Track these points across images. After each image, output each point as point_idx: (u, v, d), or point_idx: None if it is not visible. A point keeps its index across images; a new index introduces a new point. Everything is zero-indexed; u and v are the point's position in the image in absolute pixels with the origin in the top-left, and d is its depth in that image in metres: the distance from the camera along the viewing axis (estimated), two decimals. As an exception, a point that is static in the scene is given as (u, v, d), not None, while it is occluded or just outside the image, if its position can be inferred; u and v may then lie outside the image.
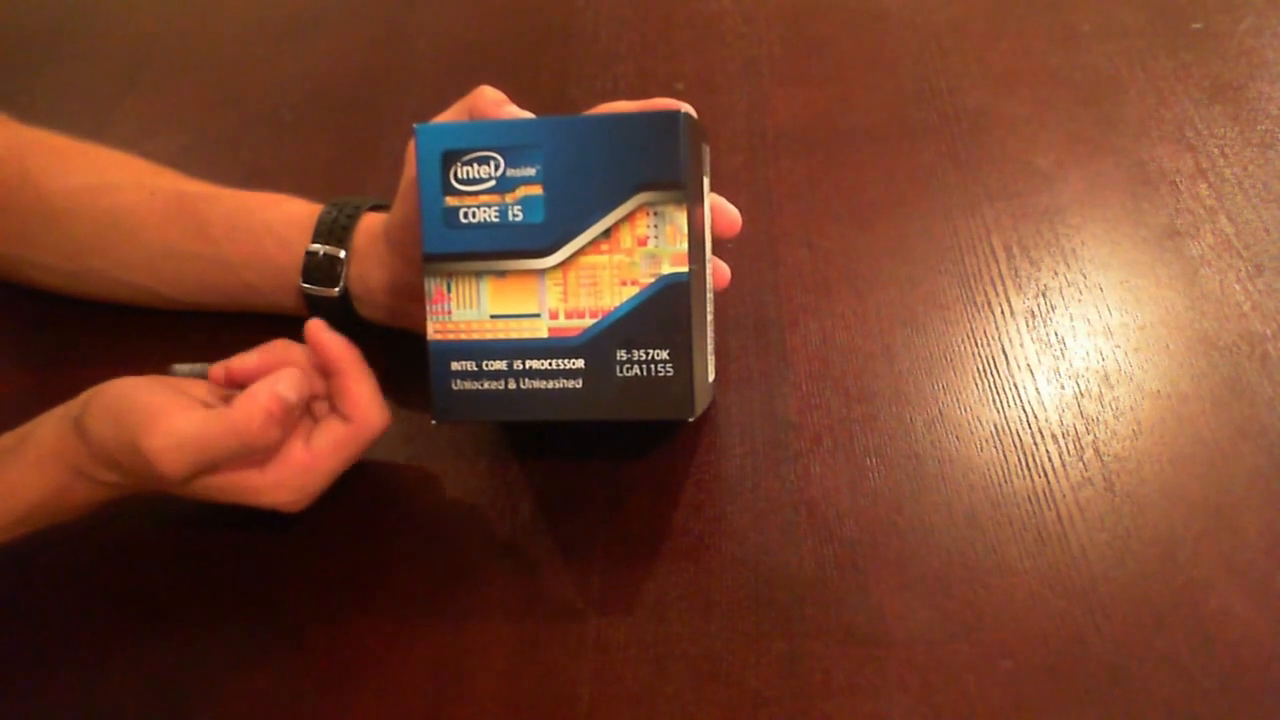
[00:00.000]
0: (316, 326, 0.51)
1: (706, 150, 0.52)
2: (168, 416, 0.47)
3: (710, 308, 0.53)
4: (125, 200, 0.61)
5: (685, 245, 0.46)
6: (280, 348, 0.53)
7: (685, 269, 0.47)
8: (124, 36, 0.90)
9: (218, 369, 0.52)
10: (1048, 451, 0.52)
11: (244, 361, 0.52)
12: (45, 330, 0.67)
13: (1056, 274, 0.60)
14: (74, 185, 0.62)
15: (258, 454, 0.49)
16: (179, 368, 0.56)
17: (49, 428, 0.50)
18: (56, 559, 0.55)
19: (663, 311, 0.47)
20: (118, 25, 0.92)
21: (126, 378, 0.51)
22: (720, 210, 0.54)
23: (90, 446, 0.49)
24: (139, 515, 0.56)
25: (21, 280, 0.66)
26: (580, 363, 0.48)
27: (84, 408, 0.49)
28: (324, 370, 0.52)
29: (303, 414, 0.53)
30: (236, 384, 0.51)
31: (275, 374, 0.49)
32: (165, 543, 0.55)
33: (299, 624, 0.51)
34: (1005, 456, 0.52)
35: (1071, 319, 0.57)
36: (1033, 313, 0.58)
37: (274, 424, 0.47)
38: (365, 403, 0.51)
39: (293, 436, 0.51)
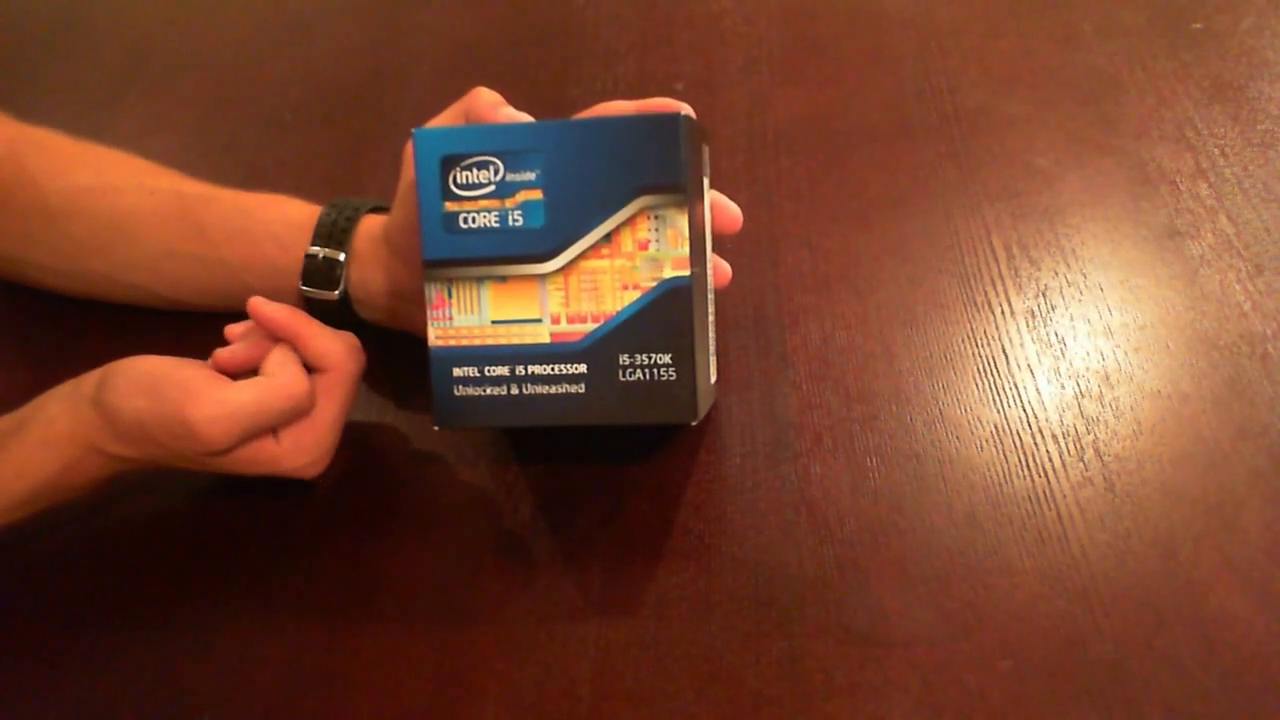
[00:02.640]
0: (257, 302, 0.53)
1: (706, 151, 0.52)
2: (212, 388, 0.49)
3: (711, 308, 0.53)
4: (125, 201, 0.61)
5: (686, 249, 0.47)
6: (259, 339, 0.54)
7: (687, 272, 0.47)
8: (124, 36, 0.90)
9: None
10: (1048, 451, 0.52)
11: (234, 356, 0.53)
12: (45, 330, 0.67)
13: (1056, 274, 0.60)
14: (74, 185, 0.62)
15: (303, 415, 0.52)
16: None
17: (58, 407, 0.51)
18: (56, 559, 0.56)
19: (665, 315, 0.47)
20: (118, 25, 0.92)
21: (137, 356, 0.51)
22: (720, 207, 0.54)
23: (115, 422, 0.49)
24: (138, 515, 0.56)
25: (22, 280, 0.66)
26: (582, 368, 0.48)
27: (101, 385, 0.50)
28: (280, 338, 0.54)
29: None
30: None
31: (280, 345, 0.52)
32: (164, 543, 0.55)
33: (298, 623, 0.51)
34: (1005, 456, 0.52)
35: (1072, 319, 0.57)
36: (1033, 313, 0.58)
37: (309, 382, 0.51)
38: (329, 349, 0.53)
39: None
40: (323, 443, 0.53)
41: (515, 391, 0.48)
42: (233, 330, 0.55)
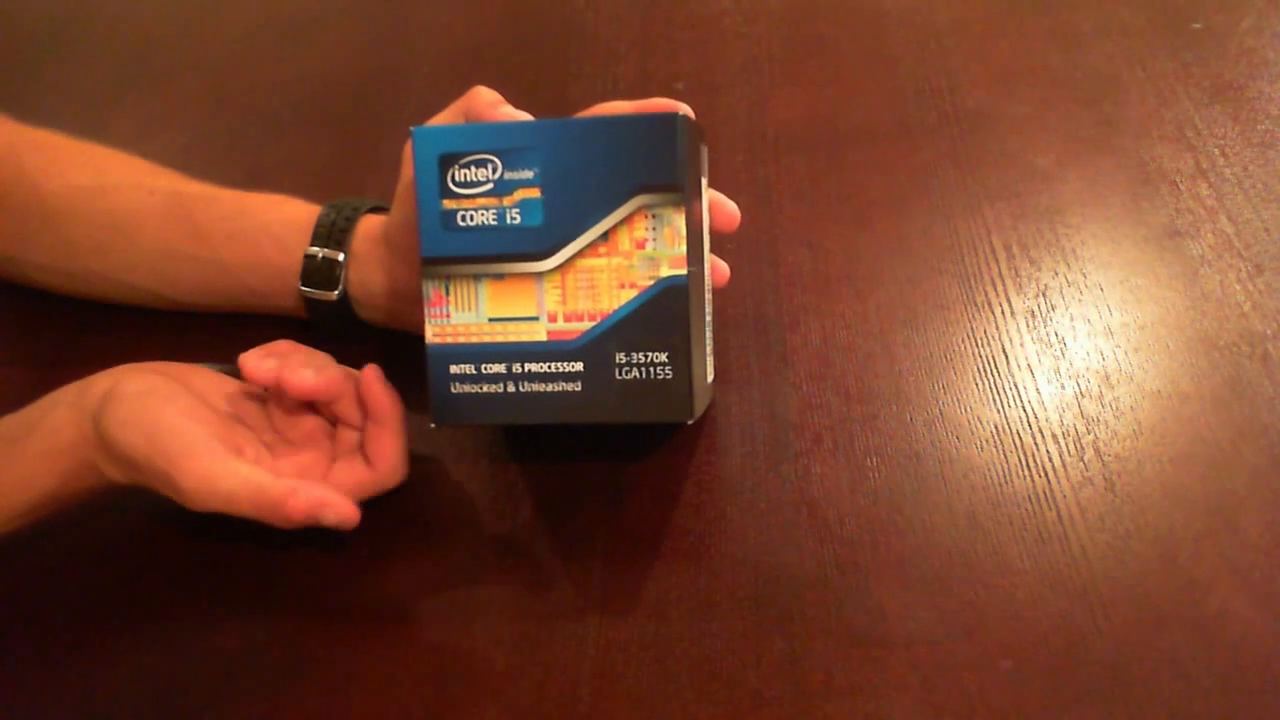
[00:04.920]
0: (372, 376, 0.51)
1: (704, 150, 0.52)
2: (206, 458, 0.48)
3: (709, 307, 0.53)
4: (124, 201, 0.61)
5: (684, 248, 0.46)
6: (340, 379, 0.52)
7: (684, 271, 0.47)
8: (124, 36, 0.90)
9: (264, 376, 0.51)
10: (1048, 451, 0.52)
11: (301, 380, 0.50)
12: (45, 330, 0.67)
13: (1057, 274, 0.60)
14: (73, 185, 0.62)
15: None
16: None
17: (61, 419, 0.50)
18: (55, 559, 0.55)
19: (661, 314, 0.47)
20: (118, 25, 0.92)
21: (140, 375, 0.51)
22: (718, 205, 0.54)
23: (111, 448, 0.49)
24: (138, 515, 0.56)
25: (21, 280, 0.66)
26: (579, 366, 0.48)
27: (103, 407, 0.49)
28: (367, 413, 0.52)
29: (326, 435, 0.54)
30: (284, 392, 0.51)
31: (331, 497, 0.48)
32: (164, 542, 0.55)
33: (298, 623, 0.51)
34: (1006, 456, 0.52)
35: (1072, 319, 0.57)
36: (1033, 313, 0.58)
37: (306, 521, 0.48)
38: (393, 456, 0.52)
39: (315, 465, 0.52)
40: None
41: (512, 389, 0.48)
42: (250, 361, 0.52)
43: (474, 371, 0.49)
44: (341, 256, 0.57)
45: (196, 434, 0.48)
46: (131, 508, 0.56)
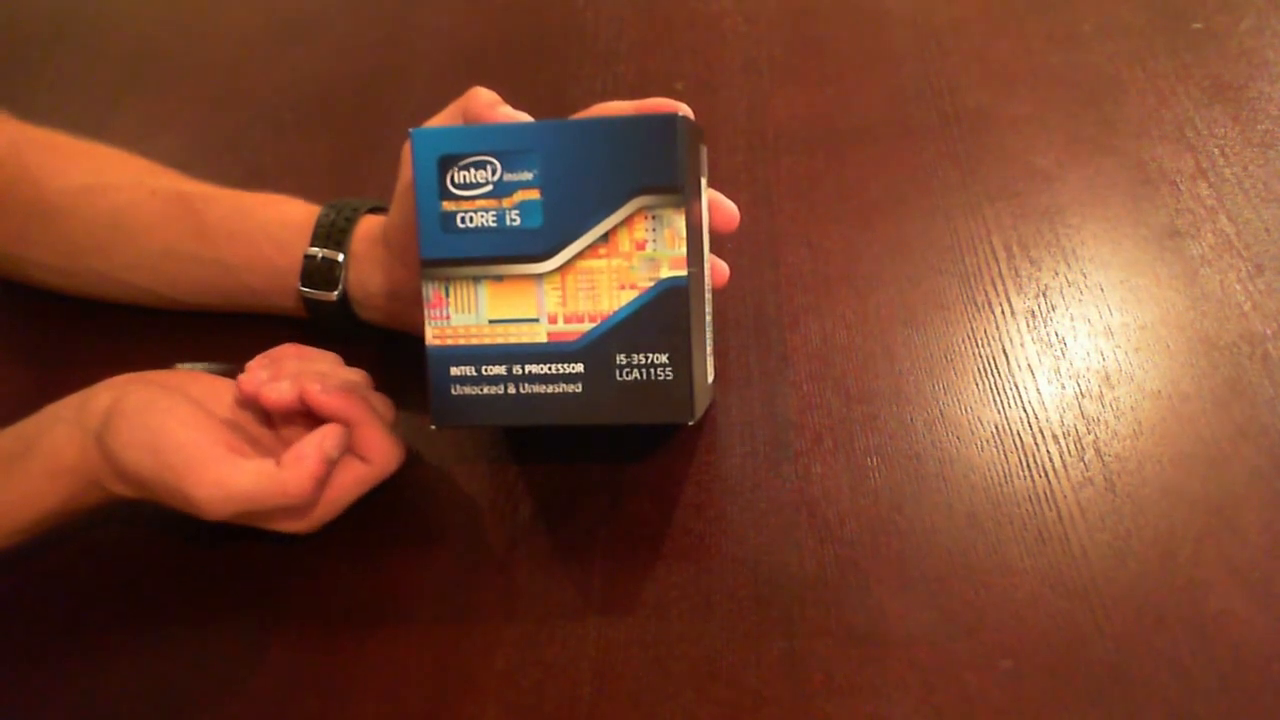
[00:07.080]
0: (311, 396, 0.51)
1: (704, 150, 0.52)
2: (214, 465, 0.48)
3: (709, 308, 0.53)
4: (124, 200, 0.61)
5: (684, 249, 0.46)
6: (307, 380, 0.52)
7: (684, 272, 0.47)
8: (124, 36, 0.90)
9: (248, 387, 0.52)
10: (1048, 451, 0.52)
11: (278, 394, 0.51)
12: (45, 330, 0.67)
13: (1057, 274, 0.60)
14: (73, 185, 0.62)
15: (301, 509, 0.50)
16: (181, 367, 0.56)
17: (62, 437, 0.50)
18: (56, 559, 0.55)
19: (662, 315, 0.47)
20: (118, 25, 0.92)
21: (141, 388, 0.51)
22: (718, 206, 0.54)
23: (116, 467, 0.49)
24: (139, 516, 0.56)
25: (21, 279, 0.66)
26: (579, 367, 0.48)
27: (106, 425, 0.49)
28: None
29: None
30: (265, 409, 0.52)
31: (321, 431, 0.50)
32: (165, 543, 0.55)
33: (299, 624, 0.51)
34: (1006, 456, 0.52)
35: (1072, 319, 0.57)
36: (1033, 313, 0.58)
37: (320, 484, 0.49)
38: (381, 446, 0.52)
39: None
40: (325, 518, 0.52)
41: (512, 391, 0.48)
42: (245, 375, 0.53)
43: (474, 373, 0.49)
44: (341, 257, 0.57)
45: (200, 443, 0.48)
46: (132, 513, 0.56)
